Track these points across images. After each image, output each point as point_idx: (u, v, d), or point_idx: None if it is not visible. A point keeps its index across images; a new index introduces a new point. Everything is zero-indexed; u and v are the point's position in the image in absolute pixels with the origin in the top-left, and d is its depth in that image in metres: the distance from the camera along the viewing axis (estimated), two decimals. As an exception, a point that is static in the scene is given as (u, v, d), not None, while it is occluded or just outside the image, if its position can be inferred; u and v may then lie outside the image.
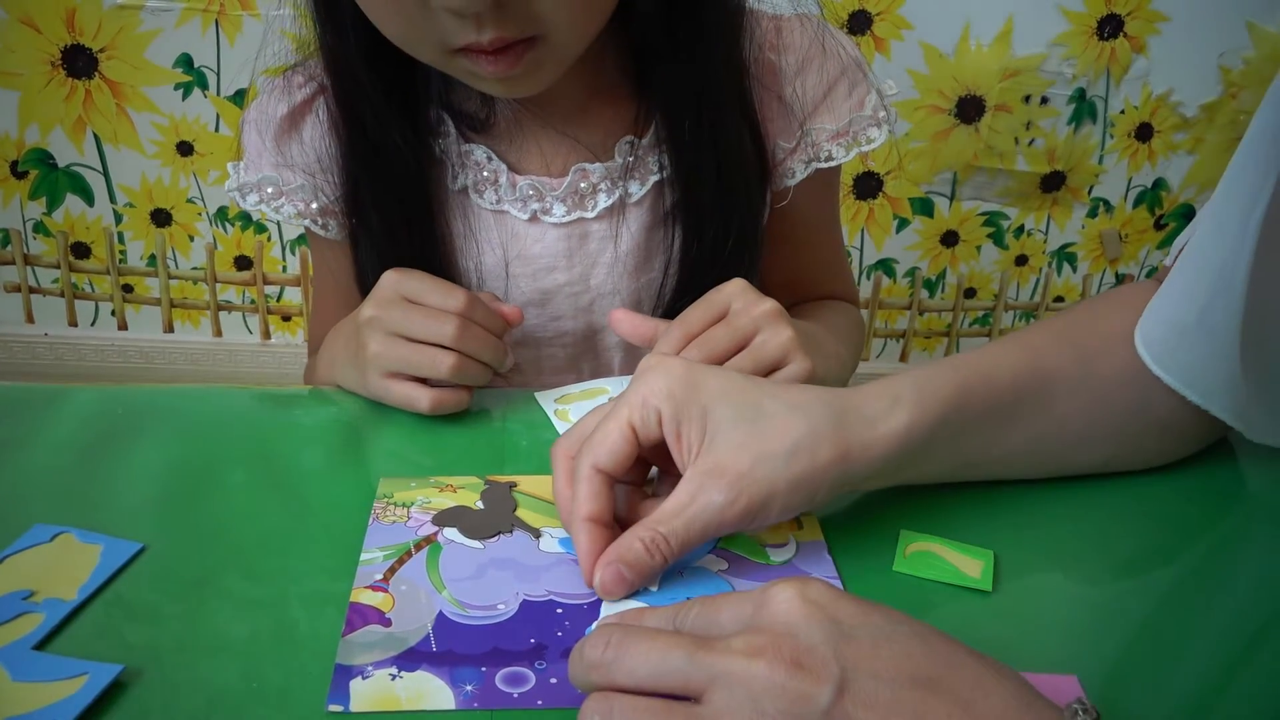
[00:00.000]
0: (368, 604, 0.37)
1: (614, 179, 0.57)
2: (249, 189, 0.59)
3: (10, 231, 1.41)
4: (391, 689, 0.33)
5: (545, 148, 0.57)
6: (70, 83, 1.29)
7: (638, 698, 0.29)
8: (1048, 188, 1.40)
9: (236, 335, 1.49)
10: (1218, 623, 0.38)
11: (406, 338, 0.49)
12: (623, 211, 0.58)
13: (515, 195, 0.57)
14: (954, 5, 1.26)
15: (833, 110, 0.58)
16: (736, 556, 0.40)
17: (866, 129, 0.59)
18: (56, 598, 0.37)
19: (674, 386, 0.38)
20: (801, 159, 0.59)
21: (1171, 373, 0.43)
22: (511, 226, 0.58)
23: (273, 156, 0.58)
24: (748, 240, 0.58)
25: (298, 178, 0.58)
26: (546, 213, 0.58)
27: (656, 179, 0.57)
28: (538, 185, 0.57)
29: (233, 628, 0.36)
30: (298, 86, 0.58)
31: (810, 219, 0.64)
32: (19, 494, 0.43)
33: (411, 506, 0.43)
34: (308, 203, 0.59)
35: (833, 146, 0.59)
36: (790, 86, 0.58)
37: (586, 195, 0.57)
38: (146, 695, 0.33)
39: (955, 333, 1.52)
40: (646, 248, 0.59)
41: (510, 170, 0.57)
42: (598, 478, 0.38)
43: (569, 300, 0.60)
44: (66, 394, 0.51)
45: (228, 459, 0.46)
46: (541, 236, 0.58)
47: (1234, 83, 1.31)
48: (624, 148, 0.57)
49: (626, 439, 0.38)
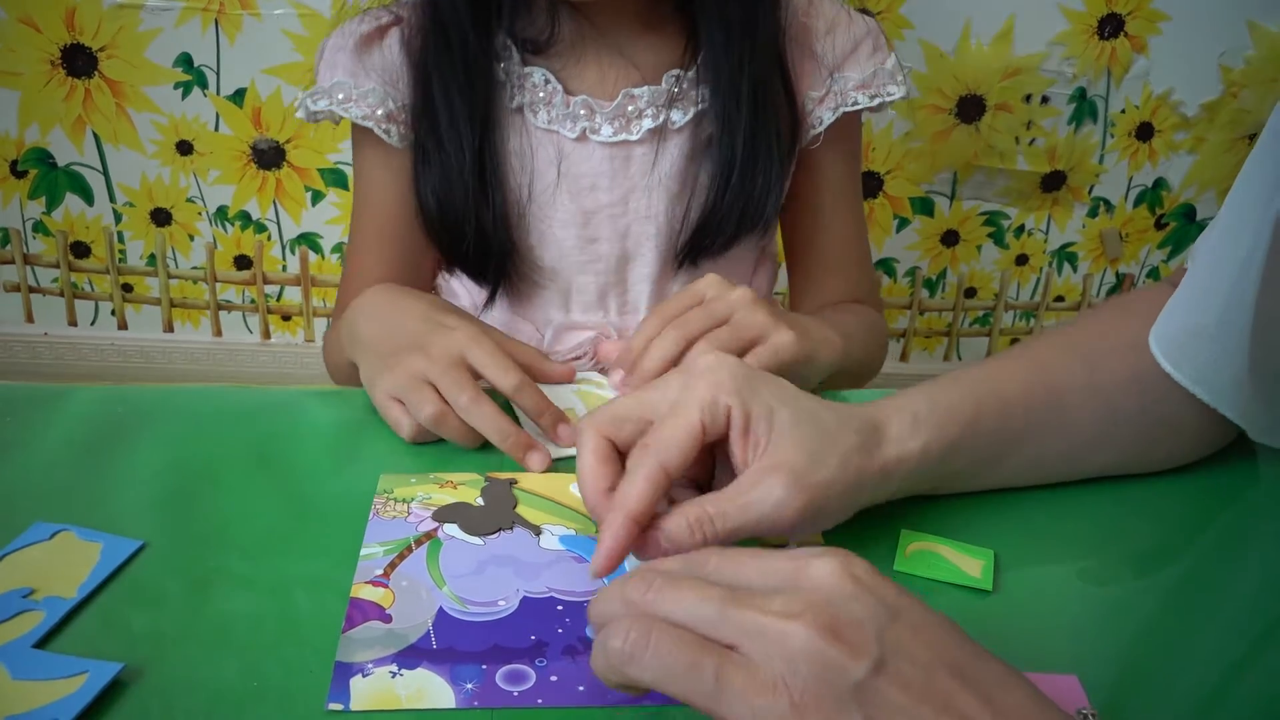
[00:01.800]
0: (368, 599, 0.37)
1: (659, 105, 0.62)
2: (320, 95, 0.63)
3: (10, 231, 1.41)
4: (391, 687, 0.33)
5: (602, 68, 0.62)
6: (70, 82, 1.29)
7: (679, 629, 0.29)
8: (1048, 187, 1.40)
9: (236, 335, 1.49)
10: (1220, 623, 0.38)
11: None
12: (664, 137, 0.62)
13: (567, 113, 0.62)
14: (954, 4, 1.26)
15: (858, 64, 0.65)
16: (737, 555, 0.40)
17: (886, 84, 0.66)
18: (56, 596, 0.37)
19: (740, 384, 0.38)
20: (829, 106, 0.65)
21: (1183, 371, 0.43)
22: (561, 145, 0.62)
23: (350, 64, 0.62)
24: (773, 183, 0.62)
25: (370, 82, 0.62)
26: (595, 131, 0.62)
27: (697, 110, 0.62)
28: (590, 103, 0.62)
29: (233, 625, 0.36)
30: (376, 17, 0.64)
31: (832, 182, 0.68)
32: (19, 492, 0.43)
33: (412, 502, 0.43)
34: (374, 108, 0.62)
35: (858, 94, 0.65)
36: (820, 43, 0.65)
37: (632, 118, 0.62)
38: (147, 694, 0.33)
39: (955, 332, 1.52)
40: (683, 176, 0.63)
41: (565, 91, 0.62)
42: (662, 478, 0.37)
43: (608, 222, 0.63)
44: (66, 393, 0.51)
45: (228, 458, 0.46)
46: (589, 156, 0.62)
47: (1235, 82, 1.31)
48: (670, 79, 0.62)
49: (695, 438, 0.37)
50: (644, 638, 0.29)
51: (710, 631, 0.29)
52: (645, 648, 0.28)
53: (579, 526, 0.42)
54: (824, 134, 0.65)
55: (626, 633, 0.29)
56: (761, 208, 0.63)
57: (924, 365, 1.55)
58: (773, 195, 0.63)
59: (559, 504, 0.43)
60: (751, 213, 0.63)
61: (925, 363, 1.56)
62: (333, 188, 1.35)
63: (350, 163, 1.33)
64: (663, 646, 0.28)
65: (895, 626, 0.29)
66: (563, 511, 0.43)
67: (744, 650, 0.28)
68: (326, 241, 1.40)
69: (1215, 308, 0.42)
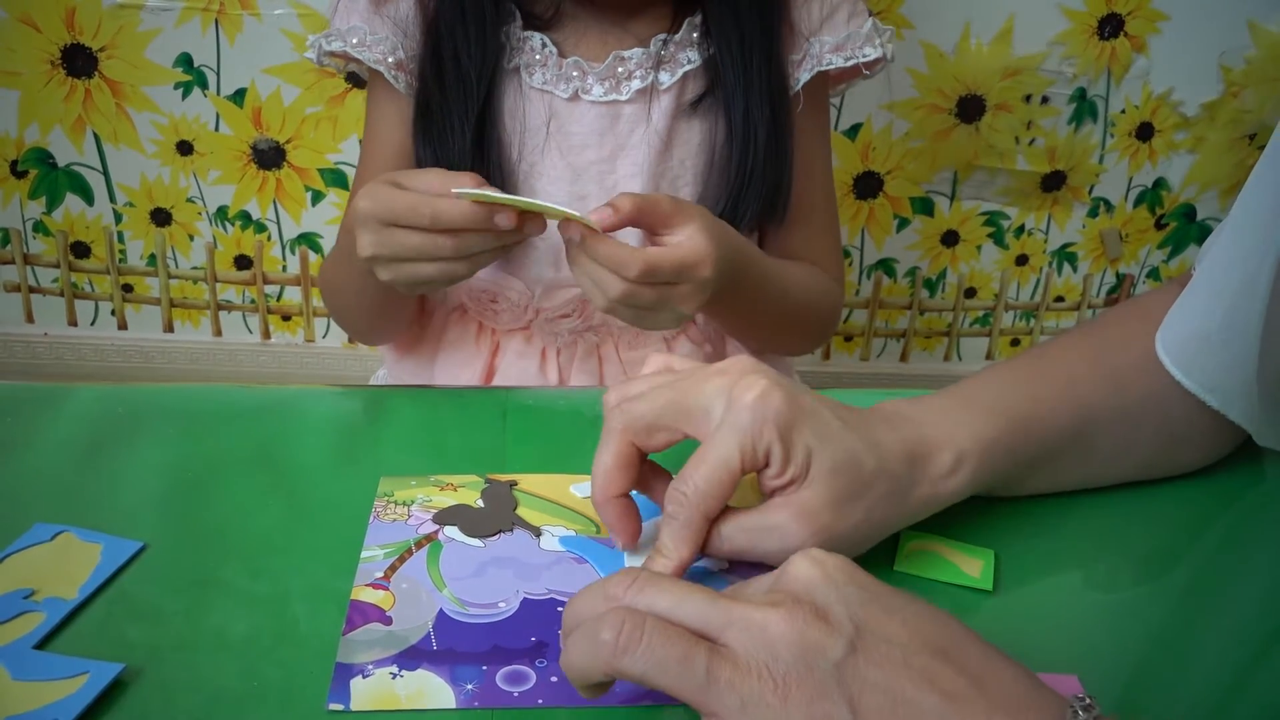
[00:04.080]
0: (368, 602, 0.37)
1: (647, 68, 0.65)
2: (334, 36, 0.65)
3: (10, 231, 1.41)
4: (392, 688, 0.33)
5: (595, 37, 0.65)
6: (70, 82, 1.29)
7: (669, 623, 0.30)
8: (1048, 187, 1.40)
9: (237, 335, 1.49)
10: (1221, 625, 0.38)
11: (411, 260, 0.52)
12: (654, 97, 0.65)
13: (560, 74, 0.64)
14: (954, 4, 1.26)
15: (834, 28, 0.67)
16: (737, 555, 0.40)
17: (863, 46, 0.67)
18: (57, 597, 0.37)
19: (785, 421, 0.37)
20: (806, 68, 0.66)
21: (1193, 378, 0.43)
22: (553, 105, 0.65)
23: (366, 11, 0.65)
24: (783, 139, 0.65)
25: (384, 30, 0.65)
26: (586, 91, 0.64)
27: (684, 70, 0.65)
28: (581, 64, 0.64)
29: (233, 626, 0.36)
30: None
31: (806, 149, 0.68)
32: (19, 493, 0.43)
33: (412, 505, 0.43)
34: (386, 55, 0.65)
35: (832, 56, 0.66)
36: (799, 10, 0.66)
37: (622, 79, 0.65)
38: (147, 694, 0.33)
39: (956, 332, 1.52)
40: (669, 134, 0.65)
41: (560, 55, 0.64)
42: (703, 526, 0.37)
43: (595, 180, 0.65)
44: (67, 393, 0.51)
45: (228, 458, 0.46)
46: (581, 115, 0.65)
47: (1235, 82, 1.31)
48: (657, 42, 0.65)
49: (733, 480, 0.37)
50: (637, 630, 0.29)
51: (697, 625, 0.30)
52: (639, 640, 0.29)
53: (579, 528, 0.42)
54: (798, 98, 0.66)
55: (620, 625, 0.29)
56: (774, 195, 0.65)
57: (924, 365, 1.55)
58: (785, 180, 0.65)
59: (559, 505, 0.43)
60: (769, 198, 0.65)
61: (925, 362, 1.56)
62: (333, 188, 1.35)
63: (351, 163, 1.33)
64: (655, 639, 0.29)
65: (870, 608, 0.30)
66: (563, 513, 0.43)
67: (728, 642, 0.29)
68: (327, 241, 1.40)
69: (1222, 312, 0.42)
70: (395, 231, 0.51)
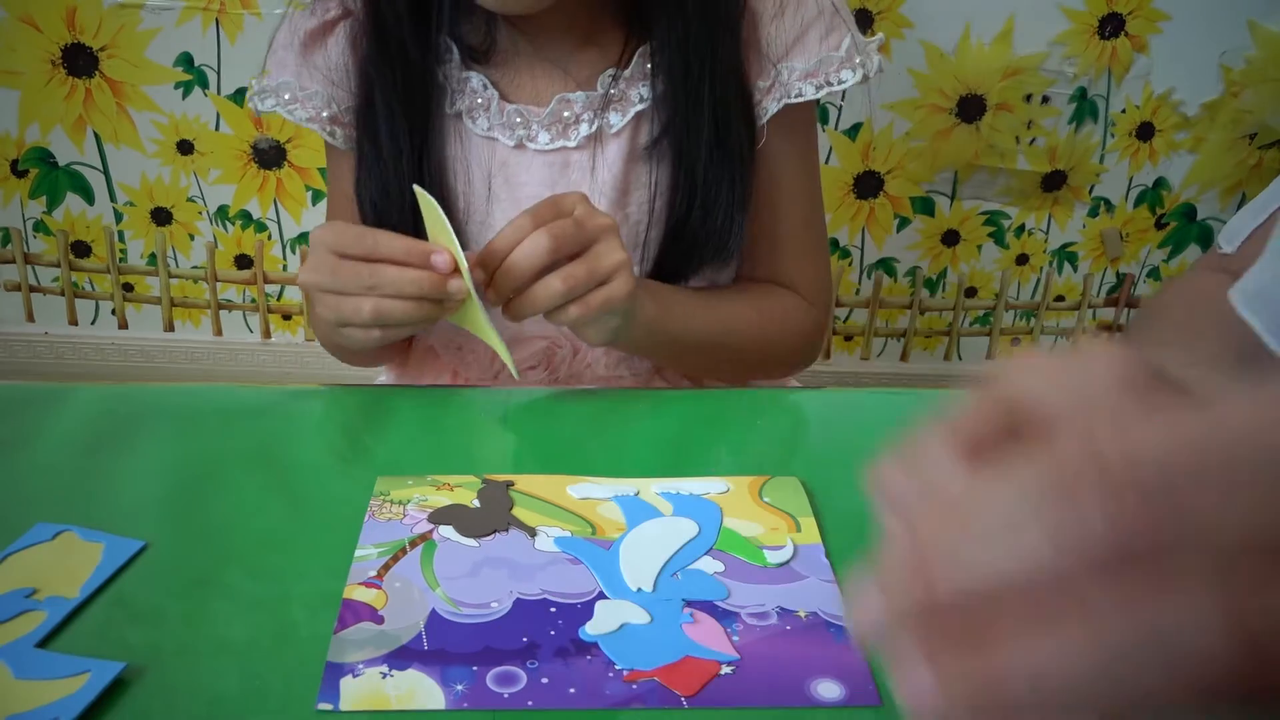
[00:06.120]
0: (360, 600, 0.37)
1: (595, 109, 0.60)
2: (267, 94, 0.63)
3: (10, 230, 1.41)
4: (381, 688, 0.33)
5: (537, 78, 0.61)
6: (70, 81, 1.29)
7: None
8: (1049, 187, 1.40)
9: (237, 334, 1.49)
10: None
11: (334, 291, 0.50)
12: (601, 141, 0.60)
13: (504, 121, 0.60)
14: (955, 4, 1.26)
15: (805, 51, 0.60)
16: (733, 559, 0.40)
17: (838, 70, 0.60)
18: (59, 596, 0.37)
19: None
20: (775, 96, 0.60)
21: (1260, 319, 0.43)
22: (500, 154, 0.61)
23: (295, 64, 0.62)
24: (735, 185, 0.59)
25: (315, 84, 0.62)
26: (531, 139, 0.61)
27: (636, 109, 0.60)
28: (524, 112, 0.60)
29: (233, 626, 0.36)
30: (325, 10, 0.63)
31: (781, 188, 0.63)
32: (21, 493, 0.43)
33: (408, 504, 0.43)
34: (319, 110, 0.62)
35: (803, 84, 0.60)
36: (767, 29, 0.60)
37: (569, 124, 0.60)
38: (148, 693, 0.33)
39: (956, 332, 1.52)
40: (624, 180, 0.61)
41: (501, 98, 0.60)
42: None
43: None
44: (67, 393, 0.51)
45: (229, 457, 0.46)
46: (528, 165, 0.61)
47: (1235, 82, 1.31)
48: (605, 80, 0.60)
49: None
50: None
51: None
52: None
53: (575, 528, 0.42)
54: (770, 126, 0.60)
55: None
56: (724, 239, 0.60)
57: (924, 365, 1.55)
58: (736, 226, 0.60)
59: (555, 506, 0.44)
60: (715, 245, 0.60)
61: (925, 362, 1.56)
62: (333, 187, 1.35)
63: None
64: None
65: None
66: (559, 513, 0.43)
67: None
68: (327, 241, 1.40)
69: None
70: (331, 259, 0.49)
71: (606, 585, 0.38)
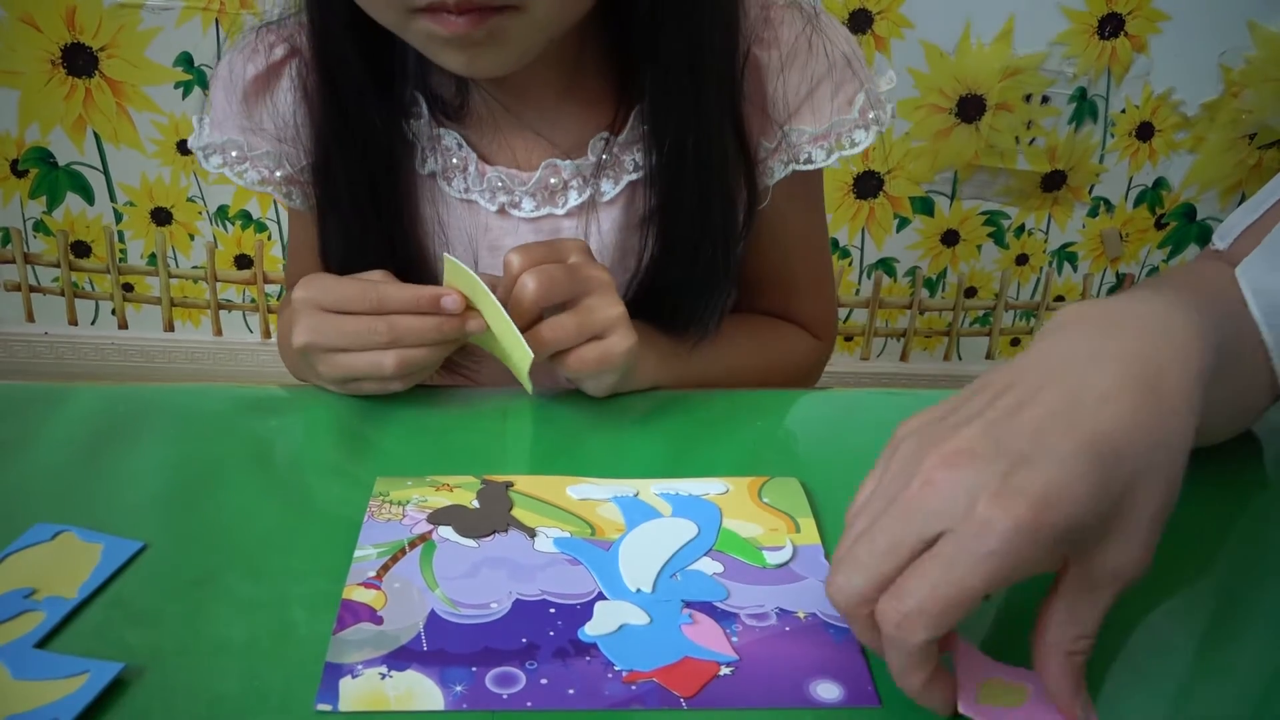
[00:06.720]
0: (360, 601, 0.37)
1: (585, 177, 0.55)
2: (213, 150, 0.57)
3: (10, 230, 1.41)
4: (380, 688, 0.33)
5: (516, 143, 0.55)
6: (70, 81, 1.29)
7: None
8: (1048, 187, 1.40)
9: (237, 334, 1.49)
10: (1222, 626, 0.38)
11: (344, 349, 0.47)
12: (594, 210, 0.56)
13: (484, 186, 0.56)
14: (955, 4, 1.26)
15: (815, 112, 0.55)
16: (733, 560, 0.40)
17: (851, 131, 0.55)
18: (58, 596, 0.37)
19: None
20: (781, 159, 0.56)
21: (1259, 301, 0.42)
22: (482, 218, 0.56)
23: (239, 120, 0.56)
24: (730, 249, 0.56)
25: (264, 144, 0.56)
26: (515, 206, 0.56)
27: (631, 179, 0.55)
28: (506, 177, 0.55)
29: (233, 627, 0.36)
30: (269, 47, 0.56)
31: (789, 232, 0.60)
32: (20, 493, 0.43)
33: (407, 505, 0.43)
34: (272, 170, 0.57)
35: (813, 149, 0.55)
36: (773, 84, 0.54)
37: (557, 191, 0.56)
38: (147, 693, 0.33)
39: (956, 332, 1.52)
40: (620, 249, 0.57)
41: (480, 160, 0.55)
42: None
43: None
44: (67, 393, 0.51)
45: (228, 458, 0.46)
46: (514, 230, 0.56)
47: (1235, 82, 1.31)
48: (597, 145, 0.55)
49: None
50: None
51: None
52: None
53: (574, 529, 0.42)
54: (775, 187, 0.56)
55: None
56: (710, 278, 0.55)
57: (924, 365, 1.56)
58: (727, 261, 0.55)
59: (555, 506, 0.44)
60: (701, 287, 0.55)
61: (925, 362, 1.56)
62: (333, 187, 1.35)
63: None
64: None
65: None
66: (558, 514, 0.43)
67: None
68: (327, 241, 1.40)
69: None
70: (333, 317, 0.46)
71: (606, 586, 0.38)
